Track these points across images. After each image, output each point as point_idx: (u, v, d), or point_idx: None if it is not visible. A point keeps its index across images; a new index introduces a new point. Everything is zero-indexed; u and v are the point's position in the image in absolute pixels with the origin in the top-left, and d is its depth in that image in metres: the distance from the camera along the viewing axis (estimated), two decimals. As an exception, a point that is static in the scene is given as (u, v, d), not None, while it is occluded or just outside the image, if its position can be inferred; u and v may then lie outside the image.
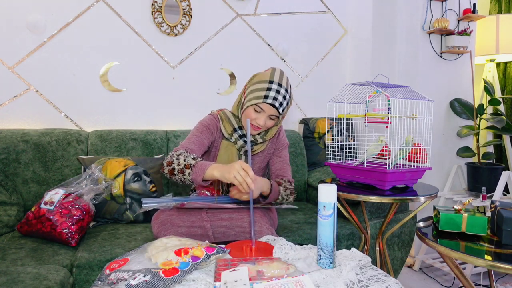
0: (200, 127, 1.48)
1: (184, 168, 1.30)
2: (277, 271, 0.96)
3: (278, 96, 1.37)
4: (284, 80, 1.40)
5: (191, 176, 1.29)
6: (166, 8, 2.21)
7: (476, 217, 1.23)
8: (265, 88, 1.36)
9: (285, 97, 1.39)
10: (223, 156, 1.51)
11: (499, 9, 2.87)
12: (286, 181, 1.53)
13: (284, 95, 1.38)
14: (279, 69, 1.44)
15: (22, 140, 1.81)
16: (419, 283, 2.27)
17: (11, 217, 1.66)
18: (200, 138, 1.45)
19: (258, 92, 1.37)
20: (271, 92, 1.36)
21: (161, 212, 1.45)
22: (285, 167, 1.59)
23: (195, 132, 1.47)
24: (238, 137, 1.49)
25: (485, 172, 2.36)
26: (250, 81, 1.46)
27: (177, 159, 1.33)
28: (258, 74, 1.44)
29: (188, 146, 1.41)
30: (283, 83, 1.39)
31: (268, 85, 1.36)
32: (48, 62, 2.04)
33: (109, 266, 1.00)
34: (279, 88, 1.37)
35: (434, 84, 2.54)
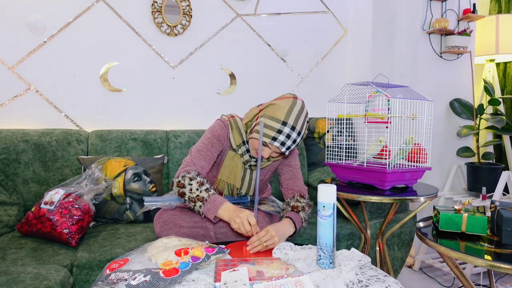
0: (211, 139, 1.42)
1: (196, 199, 1.28)
2: (277, 271, 0.97)
3: (287, 141, 1.29)
4: (300, 122, 1.31)
5: (202, 209, 1.28)
6: (166, 8, 2.21)
7: (476, 217, 1.23)
8: (276, 129, 1.28)
9: (295, 141, 1.31)
10: (227, 168, 1.47)
11: (499, 9, 2.87)
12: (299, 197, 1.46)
13: (294, 140, 1.31)
14: (299, 104, 1.32)
15: (22, 140, 1.81)
16: (419, 283, 2.27)
17: (11, 217, 1.66)
18: (211, 152, 1.41)
19: (268, 130, 1.29)
20: (280, 136, 1.28)
21: (163, 212, 1.45)
22: (295, 176, 1.53)
23: (206, 144, 1.41)
24: (245, 151, 1.43)
25: (485, 172, 2.36)
26: (266, 108, 1.35)
27: (189, 184, 1.30)
28: (276, 104, 1.32)
29: (199, 162, 1.37)
30: (298, 125, 1.30)
31: (280, 127, 1.28)
32: (48, 62, 2.04)
33: (109, 266, 1.00)
34: (290, 133, 1.29)
35: (434, 84, 2.54)
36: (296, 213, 1.40)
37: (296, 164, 1.55)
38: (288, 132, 1.29)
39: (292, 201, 1.46)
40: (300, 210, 1.41)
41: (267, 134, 1.29)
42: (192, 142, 2.08)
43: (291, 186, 1.52)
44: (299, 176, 1.54)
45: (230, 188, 1.49)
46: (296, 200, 1.45)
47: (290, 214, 1.38)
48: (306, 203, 1.45)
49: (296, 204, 1.43)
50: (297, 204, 1.43)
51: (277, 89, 2.53)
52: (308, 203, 1.46)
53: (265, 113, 1.33)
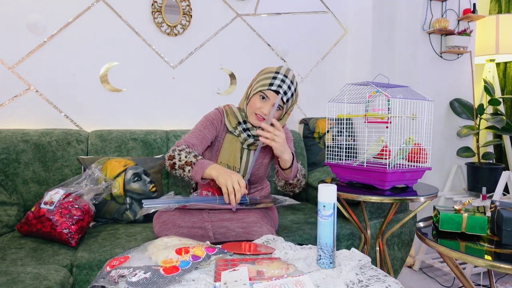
0: (204, 122, 1.51)
1: (185, 165, 1.34)
2: (277, 271, 0.96)
3: (283, 85, 1.41)
4: (290, 74, 1.44)
5: (190, 173, 1.34)
6: (166, 8, 2.21)
7: (476, 217, 1.23)
8: (271, 77, 1.42)
9: (290, 87, 1.43)
10: (226, 150, 1.52)
11: (499, 9, 2.87)
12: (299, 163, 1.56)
13: (289, 86, 1.42)
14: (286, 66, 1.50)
15: (22, 140, 1.81)
16: (419, 283, 2.27)
17: (11, 217, 1.66)
18: (203, 132, 1.48)
19: (264, 81, 1.43)
20: (276, 80, 1.41)
21: (162, 212, 1.45)
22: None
23: (199, 127, 1.50)
24: (242, 130, 1.49)
25: (485, 172, 2.36)
26: (257, 74, 1.50)
27: (178, 155, 1.37)
28: (266, 68, 1.50)
29: (190, 140, 1.44)
30: (289, 75, 1.43)
31: (274, 75, 1.42)
32: (48, 62, 2.04)
33: (110, 263, 1.00)
34: (284, 78, 1.42)
35: (434, 84, 2.54)
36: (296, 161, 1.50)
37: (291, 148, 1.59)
38: (282, 78, 1.41)
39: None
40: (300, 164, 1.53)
41: (263, 84, 1.42)
42: (192, 142, 2.08)
43: None
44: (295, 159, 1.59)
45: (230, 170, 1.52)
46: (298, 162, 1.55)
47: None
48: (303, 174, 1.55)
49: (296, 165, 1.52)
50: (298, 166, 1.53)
51: (277, 89, 2.52)
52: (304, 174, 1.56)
53: (258, 75, 1.49)
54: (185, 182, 2.04)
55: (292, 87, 1.44)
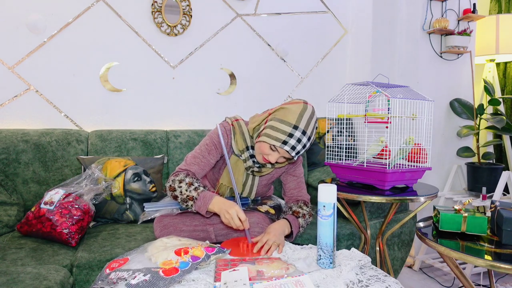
0: (209, 145, 1.42)
1: (187, 199, 1.31)
2: (277, 271, 0.96)
3: (298, 146, 1.27)
4: (310, 127, 1.29)
5: (193, 208, 1.31)
6: (166, 8, 2.21)
7: (476, 217, 1.23)
8: (287, 133, 1.26)
9: (305, 146, 1.30)
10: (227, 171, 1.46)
11: (499, 9, 2.87)
12: (302, 204, 1.46)
13: (304, 144, 1.29)
14: (310, 110, 1.31)
15: (22, 140, 1.81)
16: (419, 283, 2.27)
17: (11, 217, 1.65)
18: (206, 159, 1.41)
19: (278, 133, 1.27)
20: (291, 139, 1.26)
21: (164, 216, 1.44)
22: (300, 186, 1.52)
23: (202, 151, 1.42)
24: (248, 157, 1.41)
25: (485, 172, 2.36)
26: (276, 112, 1.33)
27: (179, 187, 1.32)
28: (287, 108, 1.31)
29: (190, 168, 1.39)
30: (308, 130, 1.28)
31: (291, 131, 1.26)
32: (48, 62, 2.04)
33: (109, 266, 1.00)
34: (301, 137, 1.27)
35: (434, 84, 2.54)
36: (295, 218, 1.40)
37: (300, 173, 1.54)
38: (299, 136, 1.26)
39: (294, 206, 1.46)
40: (300, 217, 1.42)
41: (277, 138, 1.26)
42: (192, 142, 2.08)
43: (295, 195, 1.51)
44: (303, 185, 1.54)
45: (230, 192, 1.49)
46: (299, 206, 1.45)
47: (288, 217, 1.39)
48: (308, 212, 1.45)
49: (298, 210, 1.43)
50: (299, 210, 1.43)
51: (277, 89, 2.53)
52: (310, 212, 1.46)
53: (275, 116, 1.31)
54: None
55: (308, 144, 1.30)
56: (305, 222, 1.43)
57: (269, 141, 1.27)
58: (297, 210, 1.43)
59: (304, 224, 1.43)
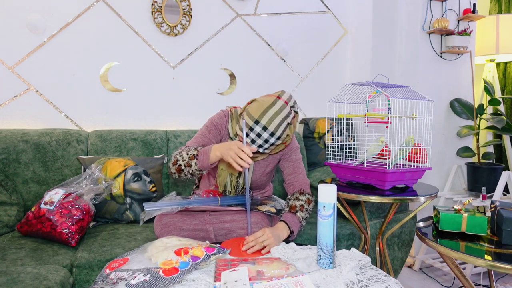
0: (209, 126, 1.51)
1: (189, 160, 1.36)
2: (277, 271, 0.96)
3: (258, 140, 1.32)
4: (274, 123, 1.32)
5: (197, 165, 1.35)
6: (166, 8, 2.21)
7: (476, 217, 1.23)
8: (249, 126, 1.33)
9: (267, 140, 1.33)
10: None
11: (499, 9, 2.87)
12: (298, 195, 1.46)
13: (266, 139, 1.32)
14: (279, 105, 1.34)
15: (22, 140, 1.81)
16: (419, 283, 2.27)
17: (11, 217, 1.66)
18: (207, 137, 1.48)
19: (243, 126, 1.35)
20: (251, 133, 1.32)
21: (163, 215, 1.44)
22: (296, 171, 1.53)
23: (203, 131, 1.50)
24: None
25: (485, 172, 2.36)
26: (251, 104, 1.39)
27: (180, 156, 1.40)
28: (258, 101, 1.36)
29: (190, 145, 1.46)
30: (271, 126, 1.31)
31: (252, 125, 1.32)
32: (48, 62, 2.04)
33: (109, 266, 1.00)
34: (261, 132, 1.31)
35: (434, 84, 2.54)
36: (293, 214, 1.40)
37: (297, 159, 1.55)
38: (259, 131, 1.31)
39: (291, 199, 1.46)
40: (298, 210, 1.42)
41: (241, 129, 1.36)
42: (192, 142, 2.09)
43: (292, 181, 1.52)
44: (300, 170, 1.54)
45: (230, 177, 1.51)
46: (295, 199, 1.46)
47: (286, 216, 1.39)
48: (306, 200, 1.45)
49: (294, 204, 1.44)
50: (295, 203, 1.44)
51: (277, 89, 2.52)
52: (308, 199, 1.46)
53: (247, 108, 1.38)
54: (185, 182, 2.04)
55: (271, 139, 1.33)
56: (305, 213, 1.44)
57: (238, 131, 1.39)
58: (293, 205, 1.43)
59: (305, 215, 1.44)
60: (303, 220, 1.43)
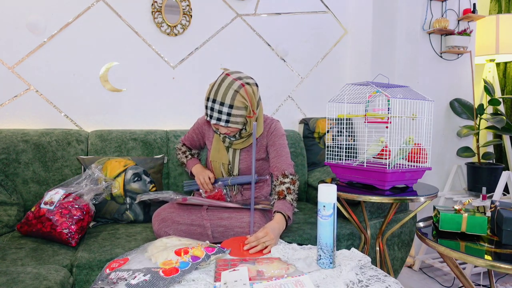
0: (195, 125, 1.76)
1: (182, 163, 1.84)
2: (277, 271, 0.96)
3: (213, 113, 1.42)
4: (220, 93, 1.40)
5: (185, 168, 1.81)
6: (166, 8, 2.21)
7: (476, 217, 1.23)
8: (205, 106, 1.45)
9: (221, 111, 1.41)
10: (215, 149, 1.62)
11: (499, 9, 2.87)
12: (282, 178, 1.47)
13: (219, 110, 1.41)
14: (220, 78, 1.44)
15: (22, 140, 1.81)
16: (419, 283, 2.27)
17: (11, 217, 1.65)
18: (191, 135, 1.78)
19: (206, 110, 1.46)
20: (208, 110, 1.44)
21: (161, 210, 1.46)
22: (280, 154, 1.54)
23: (190, 130, 1.79)
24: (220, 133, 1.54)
25: (485, 172, 2.36)
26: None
27: (177, 154, 1.86)
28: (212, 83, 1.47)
29: (184, 141, 1.84)
30: (218, 97, 1.40)
31: (206, 103, 1.44)
32: (48, 62, 2.04)
33: (109, 266, 1.00)
34: (213, 105, 1.41)
35: (434, 84, 2.54)
36: (283, 200, 1.40)
37: (281, 143, 1.56)
38: (211, 105, 1.42)
39: (277, 185, 1.47)
40: (286, 194, 1.42)
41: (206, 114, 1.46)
42: (192, 142, 2.09)
43: (275, 164, 1.53)
44: (283, 153, 1.54)
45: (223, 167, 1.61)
46: (280, 183, 1.46)
47: (278, 205, 1.39)
48: (290, 181, 1.46)
49: (281, 189, 1.44)
50: (281, 188, 1.44)
51: (277, 89, 2.53)
52: (292, 180, 1.47)
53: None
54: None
55: (223, 108, 1.40)
56: (293, 194, 1.45)
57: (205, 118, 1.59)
58: (280, 190, 1.44)
59: (294, 196, 1.45)
60: (294, 201, 1.44)
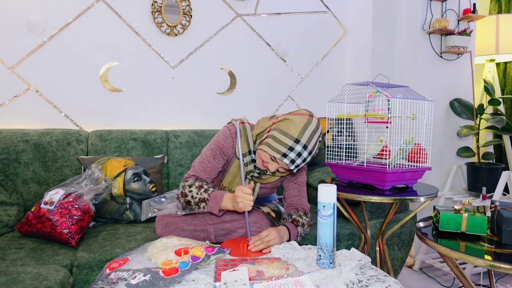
0: (214, 150, 1.42)
1: (199, 202, 1.35)
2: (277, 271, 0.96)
3: (297, 160, 1.26)
4: (313, 141, 1.27)
5: (206, 209, 1.34)
6: (166, 8, 2.21)
7: (476, 217, 1.23)
8: (288, 145, 1.24)
9: (305, 160, 1.28)
10: (231, 174, 1.47)
11: (499, 9, 2.87)
12: (302, 214, 1.47)
13: (304, 158, 1.27)
14: (315, 123, 1.28)
15: (22, 140, 1.81)
16: (419, 283, 2.27)
17: (11, 217, 1.65)
18: (212, 164, 1.42)
19: (279, 145, 1.25)
20: (291, 153, 1.24)
21: (165, 214, 1.46)
22: (301, 194, 1.52)
23: (208, 156, 1.43)
24: (250, 161, 1.40)
25: (485, 172, 2.36)
26: (280, 122, 1.31)
27: (189, 192, 1.36)
28: (291, 120, 1.28)
29: (198, 174, 1.42)
30: (310, 145, 1.26)
31: (292, 144, 1.24)
32: (48, 62, 2.04)
33: (109, 266, 1.00)
34: (302, 151, 1.25)
35: (434, 84, 2.54)
36: (295, 226, 1.42)
37: (302, 182, 1.53)
38: (299, 151, 1.25)
39: (295, 214, 1.47)
40: (299, 225, 1.43)
41: (277, 149, 1.25)
42: (192, 142, 2.08)
43: (295, 203, 1.52)
44: (304, 193, 1.53)
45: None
46: (298, 215, 1.47)
47: (288, 224, 1.41)
48: (307, 222, 1.47)
49: (297, 219, 1.45)
50: (299, 219, 1.45)
51: (277, 89, 2.53)
52: (309, 222, 1.48)
53: (278, 127, 1.29)
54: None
55: (309, 158, 1.28)
56: (303, 232, 1.45)
57: (269, 151, 1.26)
58: (296, 219, 1.45)
59: (303, 234, 1.45)
60: (300, 236, 1.44)
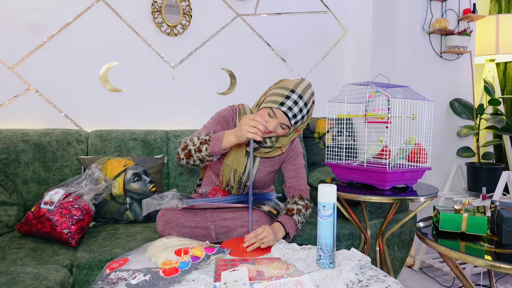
0: (217, 118, 1.50)
1: (201, 145, 1.33)
2: (277, 271, 0.96)
3: (294, 107, 1.32)
4: (307, 94, 1.36)
5: (208, 150, 1.31)
6: (166, 8, 2.21)
7: (476, 217, 1.23)
8: (284, 95, 1.33)
9: (301, 110, 1.34)
10: (232, 152, 1.48)
11: (499, 9, 2.87)
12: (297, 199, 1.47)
13: (300, 108, 1.34)
14: (308, 82, 1.39)
15: (22, 140, 1.81)
16: (419, 283, 2.27)
17: (11, 217, 1.66)
18: (215, 127, 1.46)
19: (276, 97, 1.34)
20: (288, 101, 1.32)
21: (166, 211, 1.45)
22: (298, 175, 1.54)
23: (211, 122, 1.49)
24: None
25: (485, 172, 2.36)
26: (275, 84, 1.42)
27: (191, 141, 1.37)
28: (285, 80, 1.41)
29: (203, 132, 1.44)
30: (305, 96, 1.35)
31: (288, 93, 1.33)
32: (48, 62, 2.04)
33: (109, 266, 1.00)
34: (298, 100, 1.33)
35: (434, 84, 2.54)
36: (289, 217, 1.42)
37: (300, 163, 1.56)
38: (295, 99, 1.32)
39: (289, 203, 1.48)
40: (295, 213, 1.43)
41: (274, 101, 1.33)
42: (192, 142, 2.09)
43: (293, 184, 1.53)
44: (302, 175, 1.55)
45: (234, 173, 1.50)
46: (293, 202, 1.47)
47: (282, 218, 1.41)
48: (304, 205, 1.46)
49: (292, 207, 1.45)
50: (293, 206, 1.45)
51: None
52: (306, 205, 1.48)
53: (275, 86, 1.41)
54: (185, 182, 2.04)
55: (304, 110, 1.35)
56: (302, 217, 1.45)
57: (267, 105, 1.34)
58: (291, 208, 1.45)
59: (302, 219, 1.45)
60: (299, 223, 1.43)
